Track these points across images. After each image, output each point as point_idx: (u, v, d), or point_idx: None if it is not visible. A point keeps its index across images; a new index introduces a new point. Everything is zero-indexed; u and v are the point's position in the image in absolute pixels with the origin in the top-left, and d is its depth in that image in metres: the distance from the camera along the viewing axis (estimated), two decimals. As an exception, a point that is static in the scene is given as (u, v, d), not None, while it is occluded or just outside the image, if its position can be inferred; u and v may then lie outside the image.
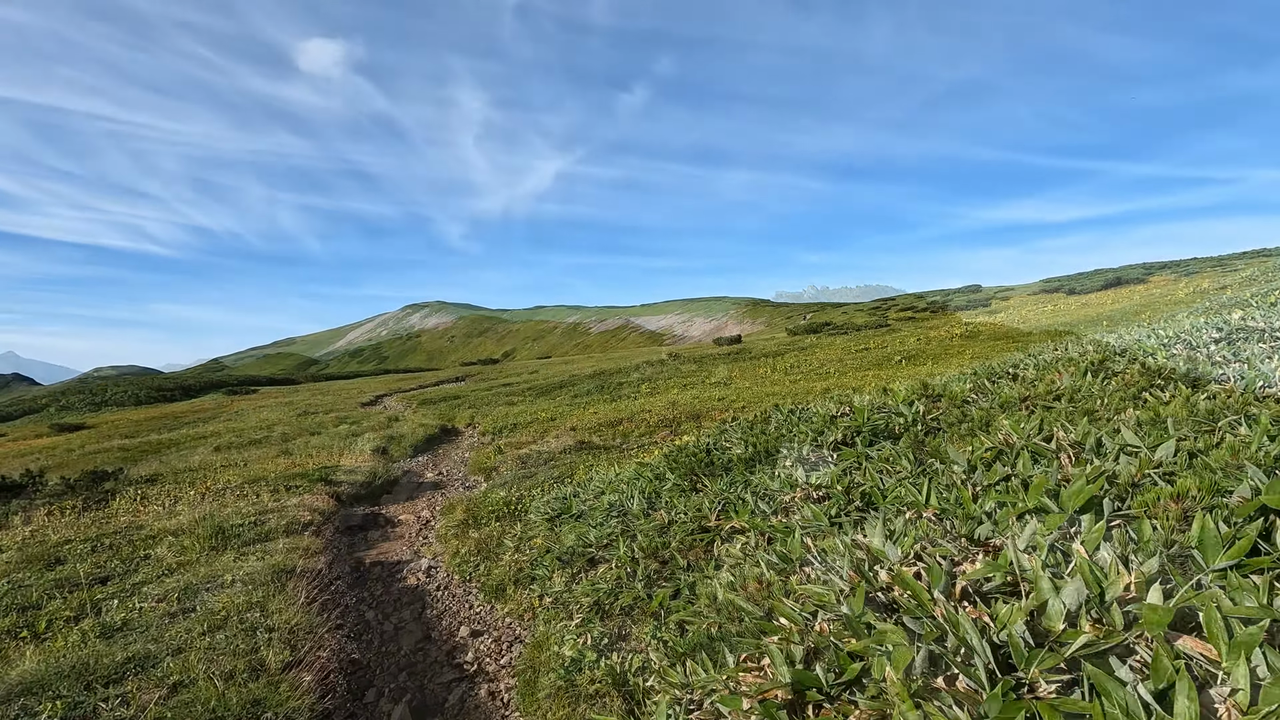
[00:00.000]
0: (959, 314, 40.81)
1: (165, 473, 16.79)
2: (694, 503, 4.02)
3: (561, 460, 11.05)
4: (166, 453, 26.60)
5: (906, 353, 21.18)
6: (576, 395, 27.66)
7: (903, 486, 2.78)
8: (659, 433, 16.30)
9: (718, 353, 34.30)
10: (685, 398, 20.23)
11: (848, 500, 3.11)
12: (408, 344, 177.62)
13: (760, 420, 5.54)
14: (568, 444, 14.21)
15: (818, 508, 3.00)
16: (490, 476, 13.22)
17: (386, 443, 19.96)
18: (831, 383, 18.45)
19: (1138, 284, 37.62)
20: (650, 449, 10.23)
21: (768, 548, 3.01)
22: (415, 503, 11.03)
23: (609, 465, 9.16)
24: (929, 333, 25.85)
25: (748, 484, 4.09)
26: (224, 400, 52.13)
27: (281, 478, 11.50)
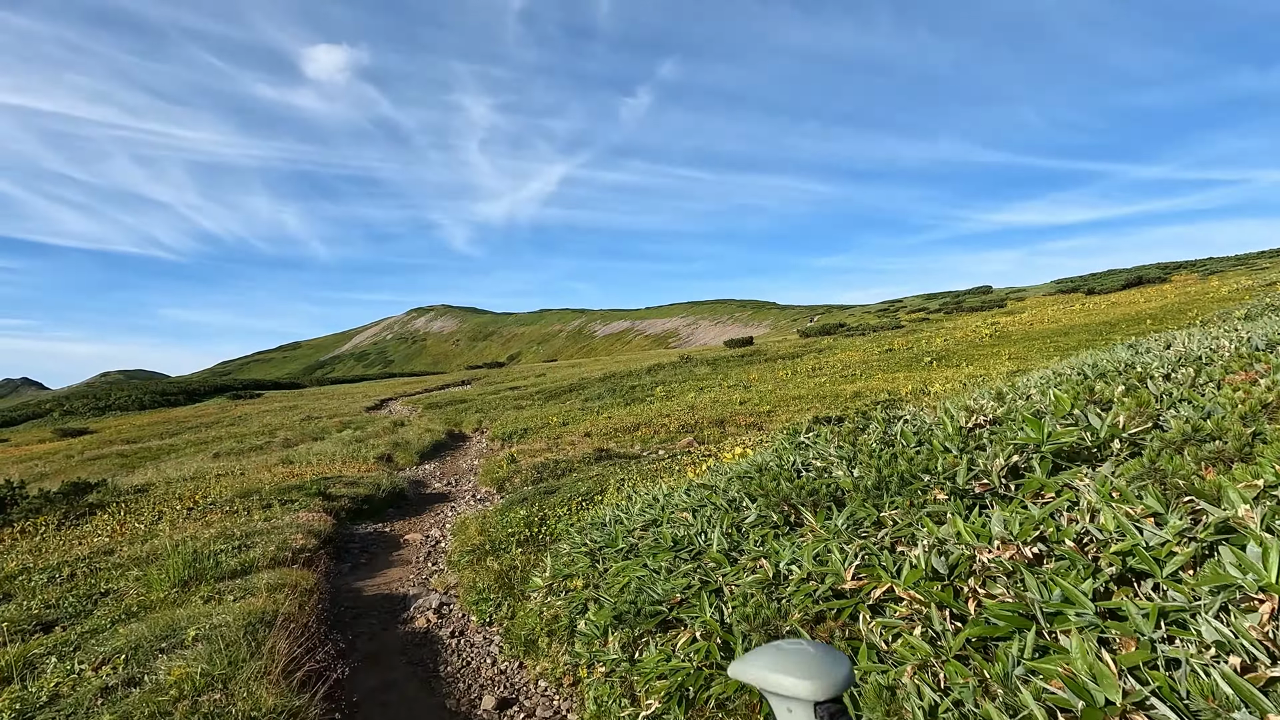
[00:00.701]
0: (976, 315, 39.65)
1: (157, 482, 15.71)
2: (808, 549, 2.90)
3: (584, 472, 9.93)
4: (165, 459, 25.58)
5: (936, 353, 20.03)
6: (588, 399, 26.54)
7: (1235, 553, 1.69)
8: (680, 439, 15.18)
9: (731, 355, 33.14)
10: (704, 401, 19.10)
11: (1093, 567, 1.99)
12: (413, 347, 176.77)
13: (854, 429, 4.41)
14: (585, 452, 13.09)
15: (1066, 579, 1.89)
16: (503, 487, 12.12)
17: (391, 449, 18.86)
18: (861, 385, 17.31)
19: (1160, 283, 36.39)
20: (688, 461, 9.10)
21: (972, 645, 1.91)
22: (423, 518, 9.92)
23: (643, 479, 8.03)
24: (953, 333, 24.68)
25: (879, 524, 2.97)
26: (227, 405, 51.14)
27: (276, 490, 10.41)
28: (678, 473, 8.00)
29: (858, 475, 3.38)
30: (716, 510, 4.06)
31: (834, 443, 4.20)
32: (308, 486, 10.27)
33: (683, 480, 6.28)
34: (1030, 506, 2.50)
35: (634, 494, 6.36)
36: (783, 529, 3.50)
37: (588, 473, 9.59)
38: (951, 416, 3.74)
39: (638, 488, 7.07)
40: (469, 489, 12.88)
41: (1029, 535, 2.22)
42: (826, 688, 0.90)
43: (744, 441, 11.74)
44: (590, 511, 6.61)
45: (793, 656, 0.96)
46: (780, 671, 0.93)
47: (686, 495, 4.88)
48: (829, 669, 0.92)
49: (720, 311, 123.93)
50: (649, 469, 8.71)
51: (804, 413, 14.86)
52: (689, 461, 9.01)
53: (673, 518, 4.40)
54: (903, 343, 24.04)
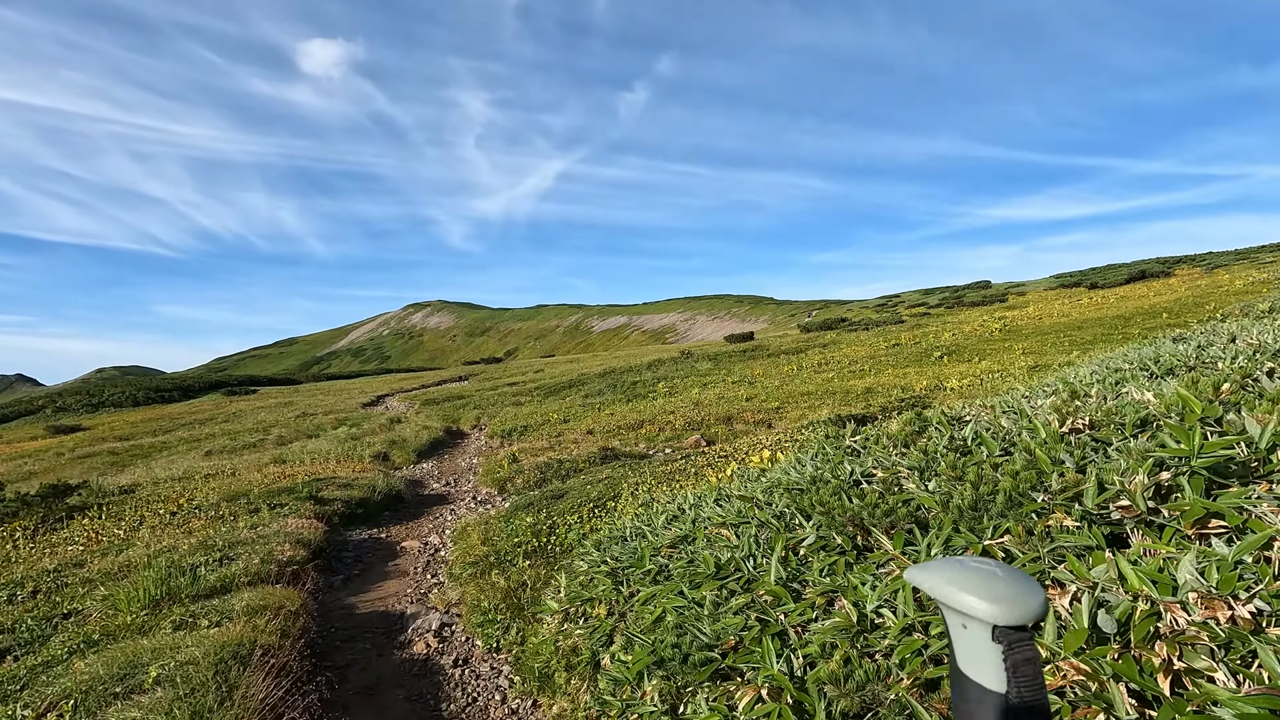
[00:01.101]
0: (978, 309, 39.15)
1: (144, 482, 15.07)
2: (906, 589, 2.32)
3: (592, 474, 9.34)
4: (157, 457, 24.95)
5: (945, 348, 19.48)
6: (588, 395, 25.95)
7: None
8: (687, 436, 14.61)
9: (733, 350, 32.56)
10: (709, 397, 18.54)
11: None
12: (410, 343, 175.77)
13: (910, 431, 3.83)
14: (590, 451, 12.51)
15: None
16: (504, 488, 11.54)
17: (388, 447, 18.24)
18: (871, 381, 16.75)
19: (1163, 277, 35.92)
20: (703, 462, 8.51)
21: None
22: (421, 523, 9.33)
23: (658, 483, 7.45)
24: (960, 327, 24.14)
25: (985, 555, 2.39)
26: (222, 401, 50.39)
27: (266, 493, 9.81)
28: (695, 476, 7.42)
29: (942, 491, 2.81)
30: (764, 528, 3.48)
31: (894, 448, 3.62)
32: (299, 489, 9.67)
33: (704, 486, 5.71)
34: (1194, 540, 1.93)
35: (654, 501, 5.78)
36: (851, 555, 2.93)
37: (596, 475, 8.99)
38: (1038, 419, 3.15)
39: (655, 494, 6.49)
40: (469, 490, 12.29)
41: (1237, 587, 1.65)
42: (1012, 614, 0.84)
43: (756, 441, 11.17)
44: (605, 520, 6.03)
45: (978, 574, 0.89)
46: (962, 588, 0.87)
47: (720, 507, 4.30)
48: (1020, 593, 0.85)
49: (718, 307, 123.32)
50: (662, 471, 8.13)
51: (816, 409, 14.31)
52: (704, 463, 8.43)
53: (709, 535, 3.82)
54: (909, 337, 23.48)
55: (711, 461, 8.34)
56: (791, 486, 3.71)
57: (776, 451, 5.60)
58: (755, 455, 6.24)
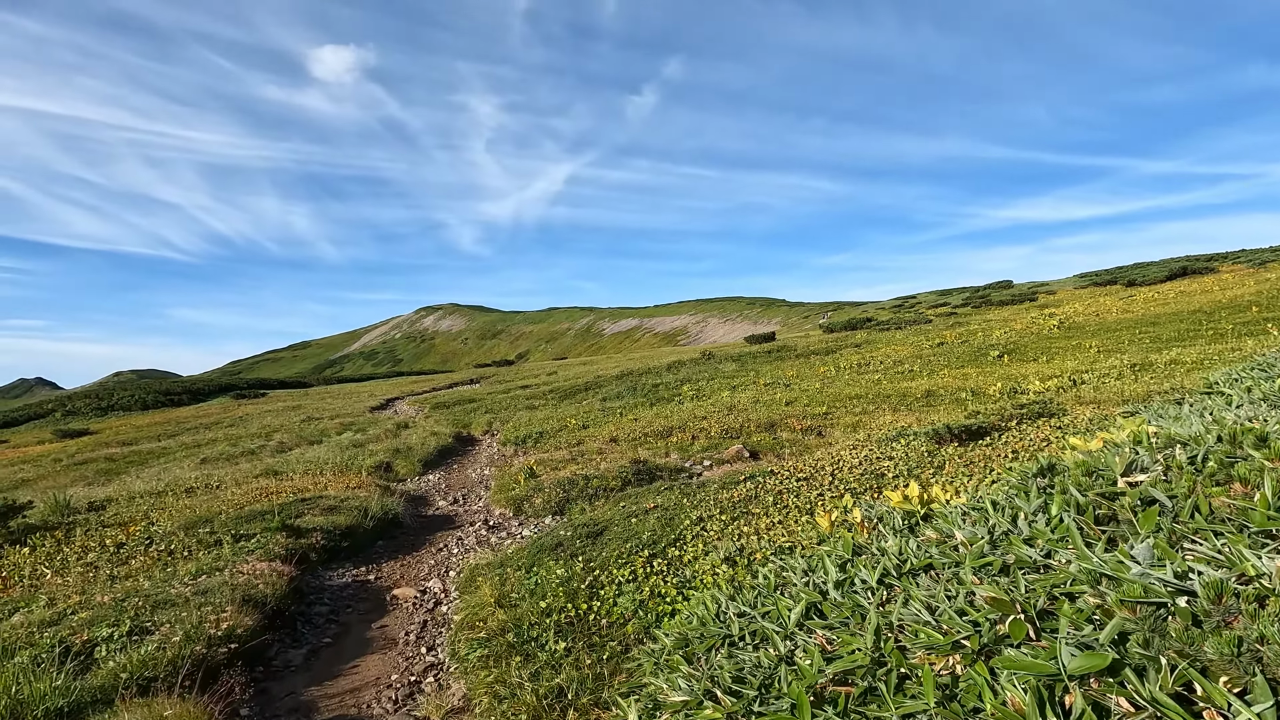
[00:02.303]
0: (1007, 308, 37.07)
1: (119, 497, 13.35)
2: None
3: (630, 499, 7.46)
4: (151, 464, 23.33)
5: (1001, 346, 17.51)
6: (606, 399, 24.11)
7: None
8: (726, 446, 12.73)
9: (756, 351, 30.65)
10: (742, 401, 16.66)
11: None
12: (421, 346, 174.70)
13: None
14: (620, 465, 10.66)
15: None
16: (521, 509, 9.72)
17: (392, 456, 16.45)
18: (927, 382, 14.82)
19: (1208, 274, 33.76)
20: (776, 486, 6.59)
21: None
22: (420, 558, 7.51)
23: (731, 520, 5.56)
24: (1008, 325, 22.11)
25: None
26: (230, 405, 48.95)
27: (236, 519, 8.02)
28: (776, 509, 5.54)
29: None
30: None
31: None
32: (274, 515, 7.87)
33: (808, 529, 3.84)
34: None
35: (746, 557, 3.91)
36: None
37: (638, 501, 7.11)
38: None
39: (738, 538, 4.61)
40: (479, 510, 10.48)
41: None
42: None
43: (820, 451, 9.29)
44: (671, 578, 4.17)
45: None
46: None
47: (928, 611, 2.41)
48: None
49: (729, 309, 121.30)
50: (726, 499, 6.25)
51: (873, 415, 12.40)
52: (776, 485, 6.53)
53: (915, 665, 1.96)
54: (954, 336, 21.48)
55: (786, 484, 6.45)
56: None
57: (933, 487, 3.71)
58: (848, 478, 4.36)
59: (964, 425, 6.60)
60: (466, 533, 8.75)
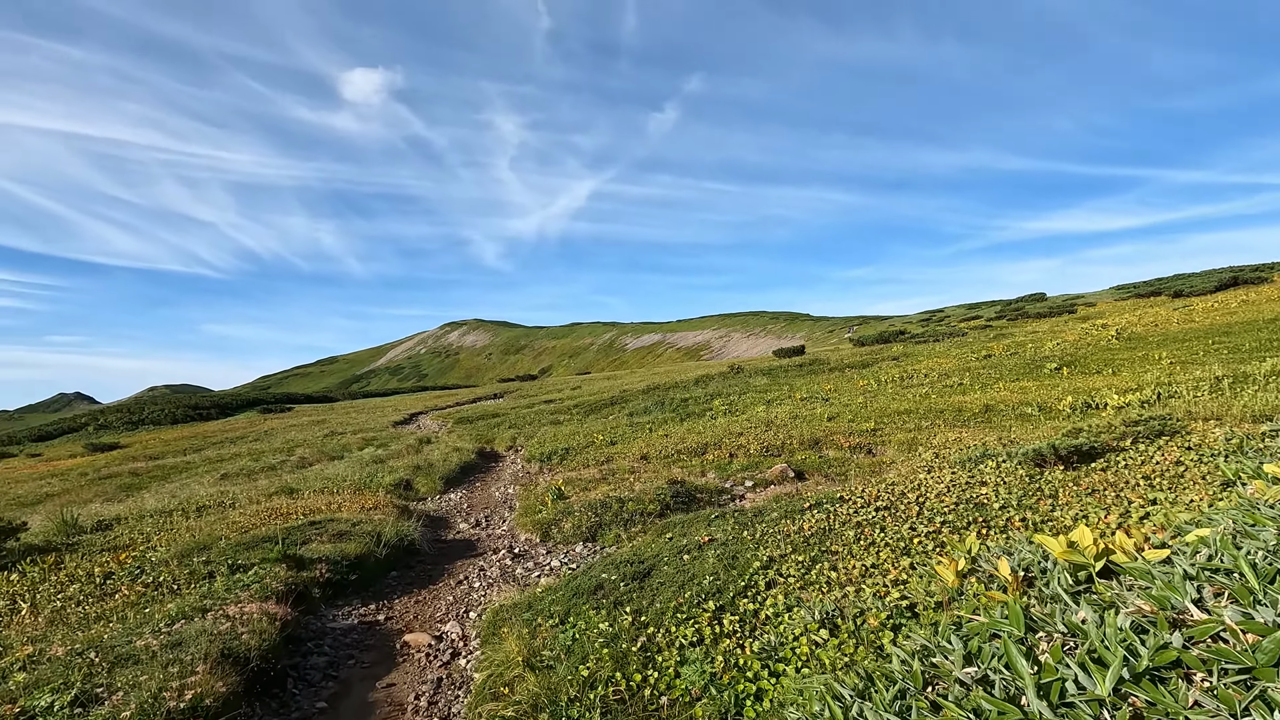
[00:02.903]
0: (1046, 320, 35.53)
1: (129, 516, 12.71)
2: None
3: (683, 532, 6.50)
4: (172, 479, 22.88)
5: (1058, 358, 16.28)
6: (633, 414, 23.19)
7: None
8: (768, 465, 11.72)
9: (787, 365, 29.53)
10: (779, 416, 15.63)
11: None
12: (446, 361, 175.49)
13: None
14: (656, 486, 9.71)
15: None
16: (549, 534, 8.82)
17: (412, 473, 15.67)
18: (983, 397, 13.68)
19: (1261, 284, 32.02)
20: (852, 519, 5.58)
21: None
22: (438, 593, 6.62)
23: (812, 562, 4.58)
24: (1060, 336, 20.77)
25: None
26: (256, 419, 48.87)
27: (236, 546, 7.23)
28: (863, 545, 4.55)
29: None
30: None
31: None
32: (277, 543, 7.05)
33: (903, 569, 2.87)
34: None
35: (863, 616, 2.95)
36: None
37: (685, 532, 6.14)
38: None
39: (834, 592, 3.65)
40: (503, 534, 9.59)
41: None
42: None
43: (854, 462, 8.26)
44: (748, 645, 3.22)
45: None
46: None
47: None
48: None
49: (752, 323, 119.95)
50: (796, 534, 5.23)
51: (930, 432, 11.31)
52: (849, 514, 5.53)
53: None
54: (1000, 348, 20.23)
55: (864, 514, 5.44)
56: None
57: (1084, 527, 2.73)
58: (939, 508, 3.37)
59: (1071, 446, 5.56)
60: (489, 562, 7.86)
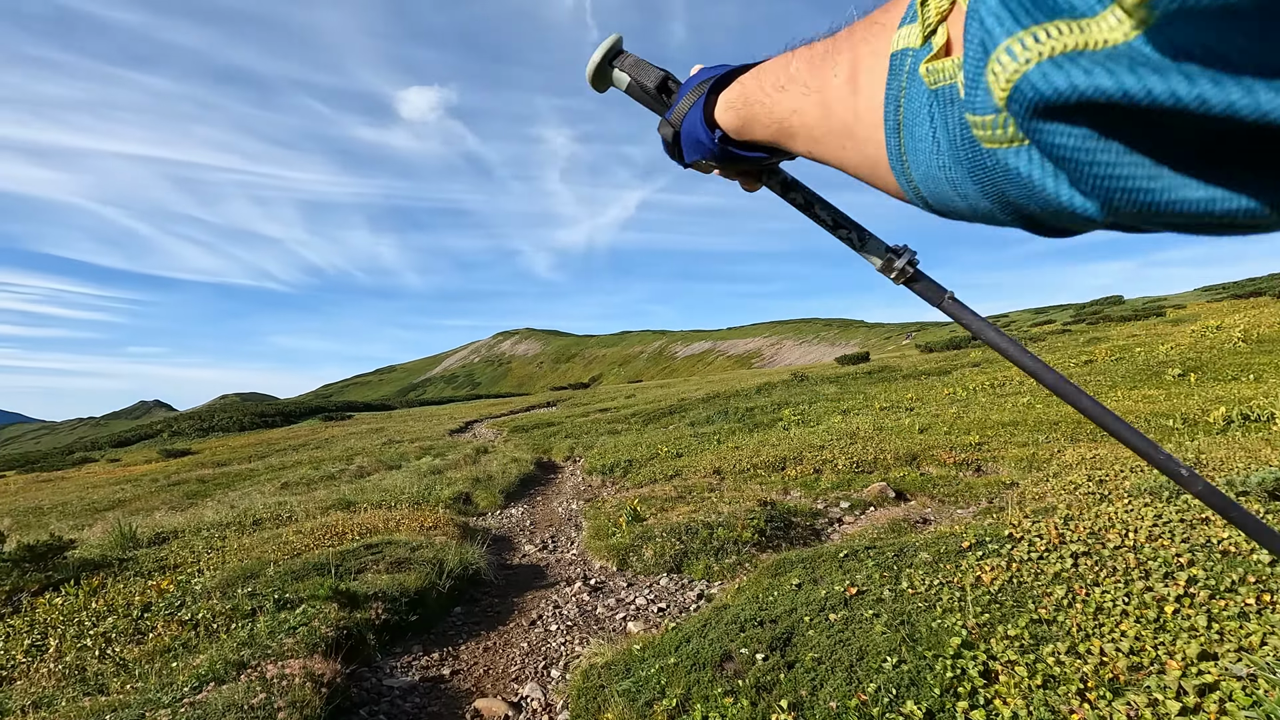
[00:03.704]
0: (1135, 324, 32.80)
1: (187, 529, 12.21)
2: None
3: (801, 570, 5.32)
4: (236, 487, 22.77)
5: (1178, 363, 14.43)
6: (695, 423, 22.02)
7: None
8: (863, 483, 10.40)
9: (854, 372, 27.90)
10: (862, 428, 14.24)
11: None
12: (499, 370, 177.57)
13: None
14: (747, 509, 8.53)
15: None
16: (626, 562, 7.76)
17: (471, 486, 14.87)
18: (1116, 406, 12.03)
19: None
20: (1046, 582, 4.30)
21: None
22: (509, 638, 5.62)
23: (1054, 640, 3.36)
24: (1173, 340, 18.68)
25: None
26: (318, 427, 49.58)
27: (286, 574, 6.40)
28: (1105, 615, 3.31)
29: None
30: None
31: None
32: (329, 571, 6.19)
33: (1219, 672, 1.60)
34: None
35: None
36: None
37: (816, 574, 4.95)
38: None
39: (1111, 706, 2.46)
40: (574, 558, 8.57)
41: None
42: None
43: (964, 481, 6.90)
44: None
45: None
46: None
47: None
48: None
49: (805, 331, 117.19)
50: (968, 585, 4.00)
51: (1047, 447, 9.81)
52: (1048, 567, 4.28)
53: None
54: (1103, 353, 18.32)
55: (1060, 563, 4.17)
56: None
57: None
58: (1182, 557, 2.12)
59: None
60: (563, 595, 6.84)
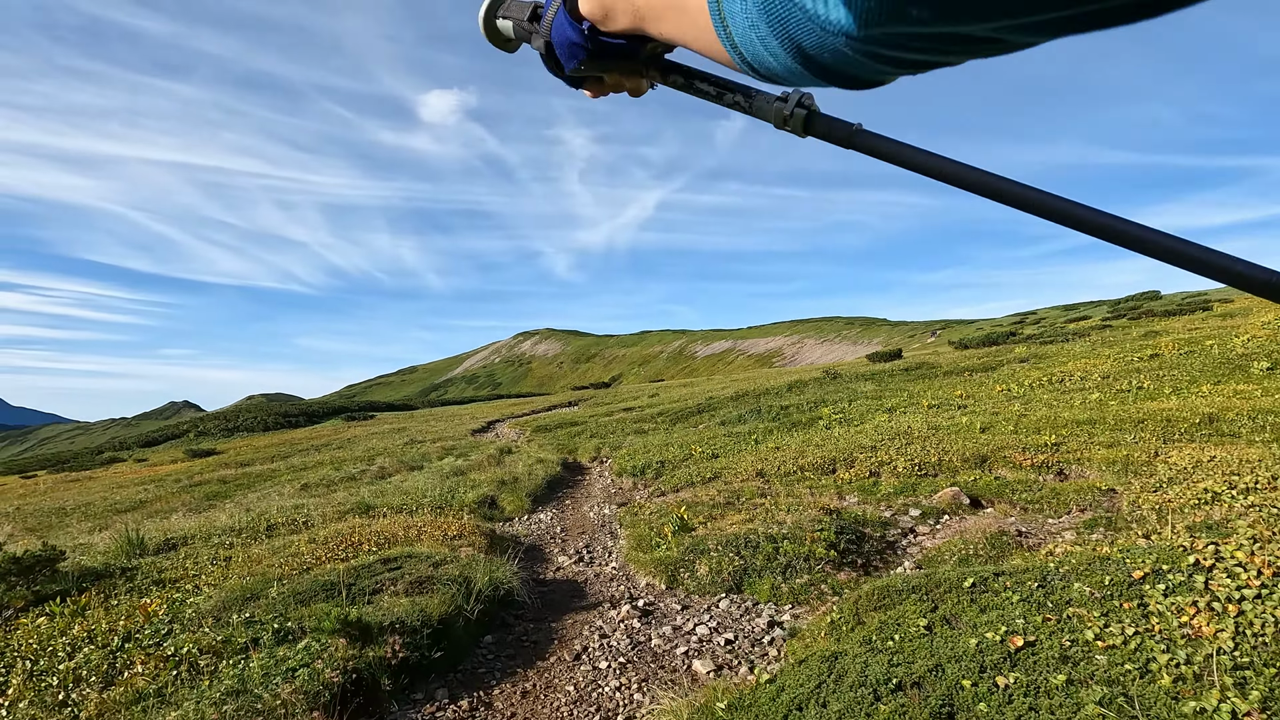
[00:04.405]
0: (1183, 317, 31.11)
1: (197, 535, 11.44)
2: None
3: (924, 603, 4.30)
4: (256, 488, 22.13)
5: (1266, 358, 13.13)
6: (725, 422, 20.99)
7: None
8: (927, 487, 9.30)
9: (890, 369, 26.66)
10: (914, 427, 13.11)
11: None
12: (519, 370, 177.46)
13: None
14: (811, 517, 7.50)
15: None
16: (676, 579, 6.80)
17: (496, 489, 13.97)
18: (1192, 404, 10.82)
19: None
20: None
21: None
22: (550, 678, 4.66)
23: None
24: (1241, 330, 17.29)
25: None
26: (341, 426, 49.22)
27: (292, 595, 5.51)
28: None
29: None
30: None
31: None
32: (340, 593, 5.28)
33: None
34: None
35: None
36: None
37: (943, 609, 3.92)
38: None
39: None
40: (615, 572, 7.59)
41: None
42: None
43: (1047, 486, 5.80)
44: None
45: None
46: None
47: None
48: None
49: (826, 329, 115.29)
50: (1175, 637, 2.97)
51: (1140, 448, 8.65)
52: (1257, 603, 3.23)
53: None
54: (1169, 346, 16.99)
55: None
56: None
57: None
58: None
59: None
60: (608, 620, 5.87)
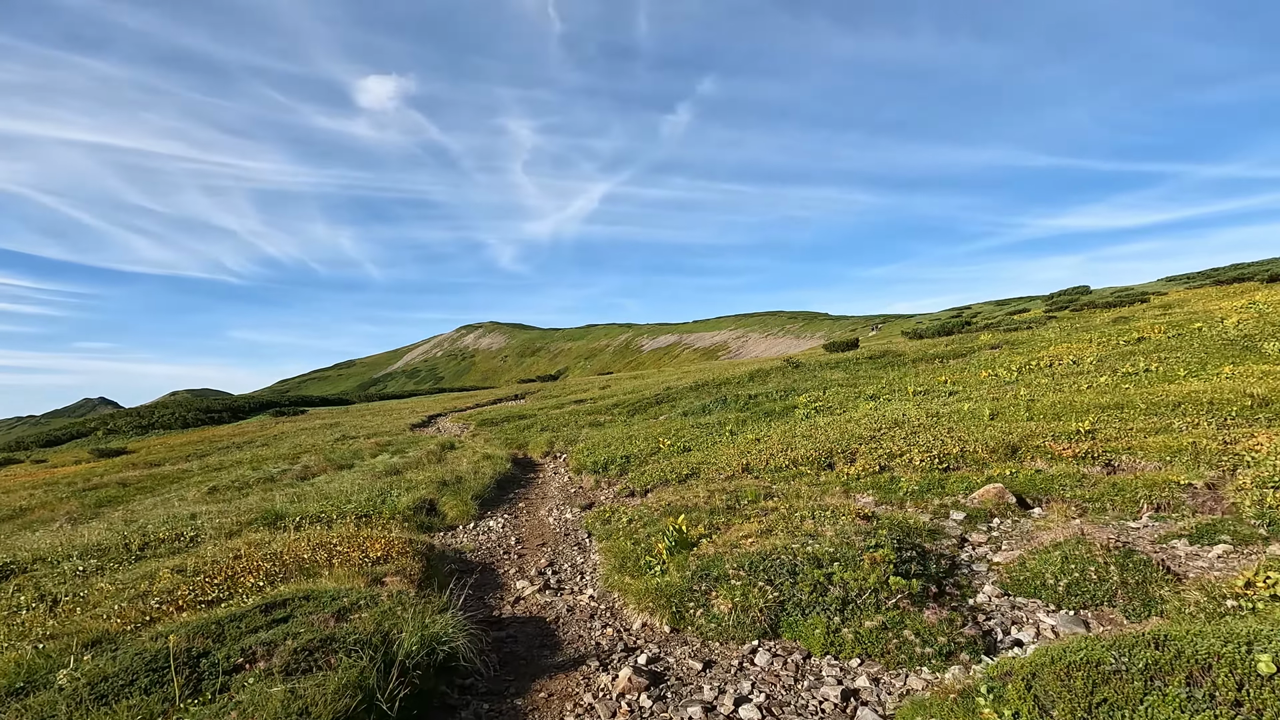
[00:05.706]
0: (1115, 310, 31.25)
1: (51, 555, 8.84)
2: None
3: (1103, 683, 2.52)
4: (160, 491, 19.07)
5: (1268, 337, 12.27)
6: (688, 413, 19.22)
7: None
8: (963, 482, 7.73)
9: (853, 357, 25.53)
10: (910, 415, 11.65)
11: None
12: (463, 364, 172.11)
13: None
14: (857, 528, 5.74)
15: None
16: (682, 618, 4.94)
17: (436, 491, 11.71)
18: (1213, 385, 9.64)
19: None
20: None
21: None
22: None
23: None
24: (1220, 315, 16.64)
25: None
26: (268, 423, 45.23)
27: (87, 687, 3.31)
28: None
29: None
30: None
31: None
32: (170, 685, 3.14)
33: None
34: None
35: None
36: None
37: (1131, 696, 2.18)
38: None
39: None
40: (594, 605, 5.64)
41: None
42: None
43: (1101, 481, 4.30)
44: None
45: None
46: None
47: None
48: None
49: (770, 324, 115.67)
50: None
51: (1197, 435, 7.31)
52: None
53: None
54: (1156, 330, 16.19)
55: None
56: None
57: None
58: None
59: None
60: (603, 698, 3.94)
